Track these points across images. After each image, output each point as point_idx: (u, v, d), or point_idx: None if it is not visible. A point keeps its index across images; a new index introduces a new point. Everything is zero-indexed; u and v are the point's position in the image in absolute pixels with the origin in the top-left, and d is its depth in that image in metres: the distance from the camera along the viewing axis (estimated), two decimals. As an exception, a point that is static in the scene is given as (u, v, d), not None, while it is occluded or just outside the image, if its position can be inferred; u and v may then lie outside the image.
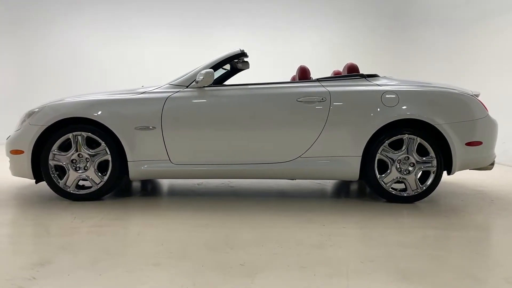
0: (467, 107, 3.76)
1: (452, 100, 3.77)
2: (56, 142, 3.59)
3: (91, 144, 3.66)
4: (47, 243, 2.56)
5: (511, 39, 7.05)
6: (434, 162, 3.66)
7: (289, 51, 10.21)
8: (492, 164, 3.97)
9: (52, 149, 3.59)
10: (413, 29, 10.15)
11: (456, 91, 3.82)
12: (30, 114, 3.70)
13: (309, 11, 10.48)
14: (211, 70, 3.78)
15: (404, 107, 3.66)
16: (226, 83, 4.54)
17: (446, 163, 3.75)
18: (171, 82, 3.96)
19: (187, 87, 3.83)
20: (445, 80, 7.63)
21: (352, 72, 4.14)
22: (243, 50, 4.15)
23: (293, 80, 4.57)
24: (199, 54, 8.74)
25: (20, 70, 10.18)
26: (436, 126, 3.62)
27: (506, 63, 7.15)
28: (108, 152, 3.61)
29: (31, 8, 10.16)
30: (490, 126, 3.82)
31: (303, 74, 4.27)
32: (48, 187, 3.73)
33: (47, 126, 3.58)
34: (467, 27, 8.55)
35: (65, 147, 3.66)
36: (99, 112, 3.62)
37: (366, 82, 3.90)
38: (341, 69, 4.56)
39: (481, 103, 3.83)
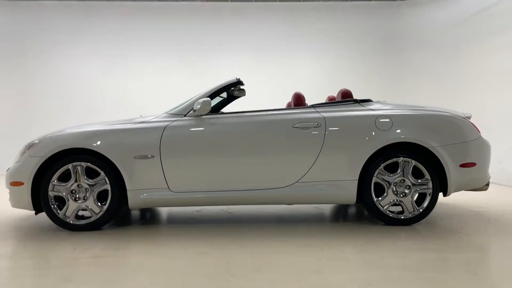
0: (459, 129, 3.85)
1: (444, 122, 3.86)
2: (56, 173, 3.63)
3: (91, 174, 3.70)
4: (48, 275, 2.57)
5: (502, 60, 7.21)
6: (430, 184, 3.72)
7: (283, 77, 10.37)
8: (487, 184, 4.02)
9: (52, 180, 3.63)
10: (406, 53, 10.37)
11: (448, 114, 3.91)
12: (30, 146, 3.75)
13: (302, 37, 10.69)
14: (208, 99, 3.87)
15: (398, 131, 3.73)
16: (223, 110, 4.62)
17: (442, 185, 3.81)
18: (169, 111, 4.04)
19: (184, 115, 3.91)
20: (438, 102, 7.79)
21: (346, 97, 4.24)
22: (239, 79, 4.25)
23: (288, 107, 4.66)
24: (197, 82, 8.88)
25: (20, 101, 10.26)
26: (430, 148, 3.70)
27: (498, 84, 7.30)
28: (108, 182, 3.65)
29: (31, 38, 10.33)
30: (483, 147, 3.90)
31: (298, 101, 4.37)
32: (47, 218, 3.74)
33: (47, 158, 3.63)
34: (459, 49, 8.76)
35: (65, 177, 3.69)
36: (98, 142, 3.67)
37: (360, 107, 3.99)
38: (335, 95, 4.66)
39: (473, 125, 3.92)
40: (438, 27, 9.64)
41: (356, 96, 4.36)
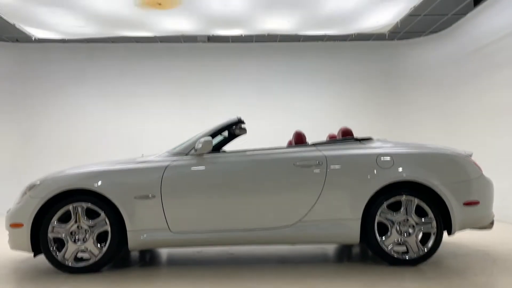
0: (461, 167, 3.84)
1: (446, 161, 3.86)
2: (56, 214, 3.60)
3: (91, 214, 3.67)
4: (45, 322, 2.50)
5: (501, 98, 7.28)
6: (434, 223, 3.67)
7: (284, 115, 10.45)
8: (492, 223, 3.97)
9: (51, 222, 3.59)
10: (405, 90, 10.49)
11: (449, 152, 3.92)
12: (31, 187, 3.74)
13: (302, 75, 10.86)
14: (210, 138, 3.90)
15: (400, 169, 3.73)
16: (224, 148, 4.64)
17: (446, 224, 3.76)
18: (171, 150, 4.06)
19: (186, 155, 3.92)
20: (439, 139, 7.82)
21: (346, 135, 4.27)
22: (240, 118, 4.30)
23: (289, 145, 4.68)
24: (198, 120, 8.95)
25: (22, 141, 10.29)
26: (432, 187, 3.67)
27: (498, 121, 7.34)
28: (108, 223, 3.61)
29: (35, 80, 10.48)
30: (486, 185, 3.88)
31: (299, 139, 4.39)
32: (46, 260, 3.68)
33: (47, 199, 3.61)
34: (457, 86, 8.88)
35: (65, 218, 3.66)
36: (99, 183, 3.66)
37: (360, 145, 4.01)
38: (335, 133, 4.69)
39: (474, 163, 3.92)
40: (436, 65, 9.81)
41: (356, 133, 4.39)
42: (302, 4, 7.22)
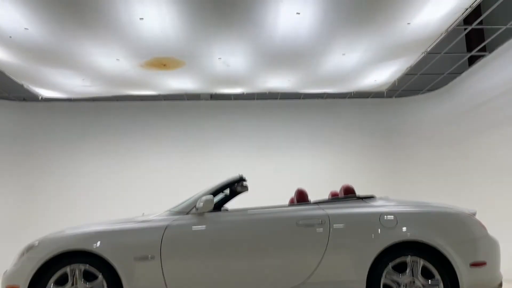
0: (466, 226, 3.78)
1: (450, 220, 3.80)
2: (53, 277, 3.50)
3: (88, 276, 3.57)
4: None
5: (501, 155, 7.31)
6: (441, 285, 3.55)
7: (285, 172, 10.45)
8: (500, 284, 3.84)
9: (48, 284, 3.49)
10: (405, 148, 10.55)
11: (453, 211, 3.87)
12: (30, 248, 3.67)
13: (303, 132, 10.99)
14: (211, 196, 3.88)
15: (404, 229, 3.67)
16: (226, 206, 4.60)
17: (453, 285, 3.63)
18: (171, 209, 4.03)
19: (187, 213, 3.88)
20: (440, 197, 7.75)
21: (348, 193, 4.25)
22: (242, 176, 4.30)
23: (291, 203, 4.64)
24: (200, 177, 8.97)
25: (23, 200, 10.19)
26: (437, 247, 3.59)
27: (499, 179, 7.31)
28: (105, 285, 3.51)
29: (38, 138, 10.58)
30: (492, 245, 3.79)
31: (301, 197, 4.37)
32: (39, 325, 3.52)
33: (45, 260, 3.53)
34: (457, 143, 8.94)
35: (62, 280, 3.55)
36: (98, 244, 3.60)
37: (363, 203, 3.97)
38: (337, 190, 4.67)
39: (479, 222, 3.86)
40: (435, 122, 9.94)
41: (358, 190, 4.37)
42: (302, 64, 7.47)
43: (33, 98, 9.63)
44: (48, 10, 5.41)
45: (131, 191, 10.25)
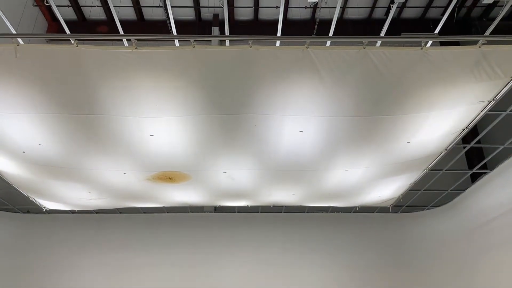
0: None
1: None
2: None
3: None
4: None
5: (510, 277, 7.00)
6: None
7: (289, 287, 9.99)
8: None
9: None
10: (412, 264, 10.19)
11: None
12: None
13: (308, 245, 10.71)
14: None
15: None
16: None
17: None
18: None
19: None
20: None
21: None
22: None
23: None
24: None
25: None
26: None
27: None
28: None
29: (41, 250, 10.37)
30: None
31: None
32: None
33: None
34: (465, 262, 8.62)
35: None
36: None
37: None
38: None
39: None
40: (441, 239, 9.72)
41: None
42: (306, 179, 7.56)
43: (37, 210, 9.64)
44: (63, 128, 5.67)
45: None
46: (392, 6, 6.94)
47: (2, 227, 10.24)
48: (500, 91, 5.28)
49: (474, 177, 9.16)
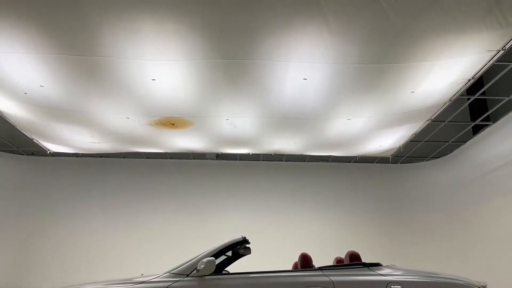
0: (476, 299, 3.63)
1: (460, 291, 3.66)
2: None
3: None
4: None
5: (507, 224, 7.18)
6: None
7: (289, 236, 10.25)
8: None
9: None
10: (410, 213, 10.41)
11: (463, 283, 3.73)
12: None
13: (308, 195, 10.91)
14: (213, 258, 3.78)
15: (412, 300, 3.52)
16: (227, 269, 4.48)
17: None
18: (171, 270, 3.91)
19: (187, 275, 3.77)
20: (447, 265, 7.51)
21: (354, 260, 4.14)
22: (245, 237, 4.22)
23: (295, 268, 4.51)
24: (203, 237, 8.81)
25: (22, 255, 9.96)
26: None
27: (507, 248, 7.12)
28: None
29: (44, 192, 10.54)
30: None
31: (305, 262, 4.25)
32: None
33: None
34: (463, 210, 8.82)
35: None
36: (94, 304, 3.48)
37: (369, 271, 3.85)
38: (342, 256, 4.55)
39: (491, 295, 3.71)
40: (441, 189, 9.88)
41: (362, 255, 4.26)
42: (307, 127, 7.58)
43: (42, 152, 9.75)
44: (64, 70, 5.62)
45: (133, 249, 10.04)
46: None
47: (6, 169, 10.39)
48: (510, 40, 5.16)
49: (476, 130, 9.16)
